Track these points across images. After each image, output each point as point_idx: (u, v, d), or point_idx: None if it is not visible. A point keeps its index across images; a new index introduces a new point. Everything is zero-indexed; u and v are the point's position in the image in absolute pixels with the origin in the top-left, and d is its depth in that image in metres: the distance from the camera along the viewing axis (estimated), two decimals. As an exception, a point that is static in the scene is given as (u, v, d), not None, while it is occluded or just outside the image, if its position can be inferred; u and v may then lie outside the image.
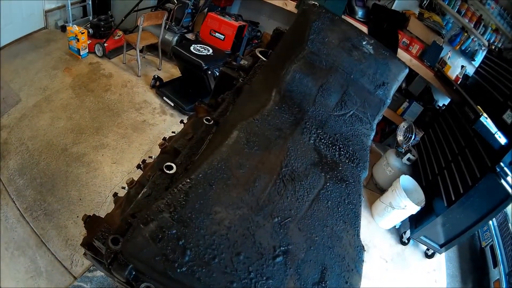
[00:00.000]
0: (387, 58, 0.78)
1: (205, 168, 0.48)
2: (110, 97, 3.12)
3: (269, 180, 0.52)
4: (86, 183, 2.24)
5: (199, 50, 3.20)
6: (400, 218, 2.76)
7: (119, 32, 3.78)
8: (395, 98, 3.79)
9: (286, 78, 0.64)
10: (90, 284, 1.72)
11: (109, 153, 2.53)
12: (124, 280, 0.41)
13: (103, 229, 0.51)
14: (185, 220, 0.42)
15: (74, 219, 1.99)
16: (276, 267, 0.45)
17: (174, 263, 0.39)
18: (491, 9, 3.63)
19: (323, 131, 0.65)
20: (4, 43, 3.24)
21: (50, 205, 2.03)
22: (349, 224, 0.56)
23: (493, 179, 2.16)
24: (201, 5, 4.11)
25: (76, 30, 3.32)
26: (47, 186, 2.13)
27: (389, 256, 2.69)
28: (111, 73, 3.46)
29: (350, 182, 0.61)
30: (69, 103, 2.87)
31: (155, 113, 3.14)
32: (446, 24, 3.76)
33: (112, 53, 3.71)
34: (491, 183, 2.18)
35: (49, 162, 2.29)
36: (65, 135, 2.54)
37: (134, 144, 2.70)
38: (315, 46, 0.68)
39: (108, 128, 2.75)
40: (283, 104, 0.63)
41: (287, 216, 0.50)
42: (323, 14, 0.73)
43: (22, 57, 3.24)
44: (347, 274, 0.49)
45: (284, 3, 3.78)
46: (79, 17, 4.06)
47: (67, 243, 1.87)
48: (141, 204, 0.53)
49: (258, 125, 0.57)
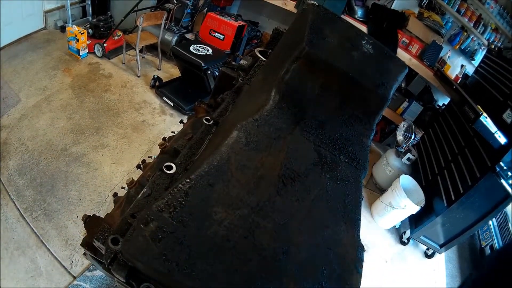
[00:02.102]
0: (387, 58, 0.78)
1: (205, 168, 0.48)
2: (110, 97, 3.12)
3: (269, 180, 0.52)
4: (86, 183, 2.24)
5: (199, 50, 3.20)
6: (400, 218, 2.76)
7: (119, 32, 3.78)
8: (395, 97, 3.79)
9: (286, 78, 0.64)
10: (90, 284, 1.72)
11: (109, 153, 2.53)
12: (124, 280, 0.41)
13: (103, 229, 0.51)
14: (185, 220, 0.42)
15: (74, 219, 1.99)
16: (276, 267, 0.44)
17: (174, 263, 0.39)
18: (490, 8, 3.64)
19: (322, 131, 0.65)
20: (4, 44, 3.24)
21: (50, 205, 2.03)
22: (349, 224, 0.56)
23: (493, 178, 2.16)
24: (200, 5, 4.11)
25: (76, 31, 3.31)
26: (47, 186, 2.13)
27: (389, 256, 2.69)
28: (111, 73, 3.46)
29: (350, 182, 0.61)
30: (69, 103, 2.87)
31: (154, 113, 3.14)
32: (445, 24, 3.76)
33: (112, 53, 3.71)
34: (491, 183, 2.18)
35: (49, 162, 2.29)
36: (65, 135, 2.54)
37: (134, 144, 2.69)
38: (314, 46, 0.67)
39: (108, 128, 2.75)
40: (282, 104, 0.63)
41: (287, 216, 0.50)
42: (322, 13, 0.73)
43: (21, 57, 3.24)
44: (347, 274, 0.49)
45: (283, 3, 3.78)
46: (78, 17, 4.05)
47: (67, 243, 1.87)
48: (141, 204, 0.52)
49: (257, 125, 0.57)
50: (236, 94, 0.88)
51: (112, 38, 3.68)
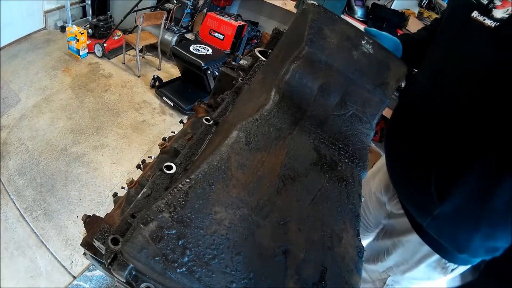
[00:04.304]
0: (387, 58, 0.78)
1: (205, 168, 0.48)
2: (110, 97, 3.12)
3: (269, 180, 0.52)
4: (85, 183, 2.24)
5: (199, 50, 3.20)
6: (400, 217, 2.75)
7: (119, 32, 3.78)
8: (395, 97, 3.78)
9: (286, 77, 0.64)
10: (90, 283, 1.72)
11: (109, 153, 2.53)
12: (124, 280, 0.41)
13: (103, 229, 0.51)
14: (185, 220, 0.42)
15: (74, 219, 1.99)
16: (276, 267, 0.45)
17: (174, 263, 0.39)
18: (490, 8, 3.63)
19: (322, 130, 0.65)
20: (4, 44, 3.24)
21: (50, 205, 2.03)
22: (349, 224, 0.56)
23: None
24: (200, 5, 4.11)
25: (76, 31, 3.31)
26: (46, 186, 2.13)
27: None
28: (111, 73, 3.46)
29: (350, 182, 0.61)
30: (69, 103, 2.87)
31: (154, 113, 3.14)
32: (445, 24, 3.76)
33: (112, 53, 3.71)
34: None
35: (49, 162, 2.29)
36: (65, 135, 2.54)
37: (133, 144, 2.69)
38: (314, 46, 0.67)
39: (107, 128, 2.75)
40: (282, 103, 0.63)
41: (287, 216, 0.50)
42: (322, 13, 0.73)
43: (21, 57, 3.24)
44: (347, 274, 0.49)
45: (283, 3, 3.78)
46: (78, 17, 4.05)
47: (67, 243, 1.87)
48: (141, 204, 0.52)
49: (257, 125, 0.57)
50: (236, 94, 0.87)
51: (112, 38, 3.68)
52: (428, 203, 0.79)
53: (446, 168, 0.75)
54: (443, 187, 0.75)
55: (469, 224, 0.76)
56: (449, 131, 0.76)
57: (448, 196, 0.74)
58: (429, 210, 0.79)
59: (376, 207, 1.16)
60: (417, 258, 0.94)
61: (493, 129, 0.68)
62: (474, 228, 0.75)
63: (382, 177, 1.13)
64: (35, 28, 3.67)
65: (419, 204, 0.85)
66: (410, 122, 0.89)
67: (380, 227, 1.17)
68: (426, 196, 0.79)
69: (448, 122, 0.76)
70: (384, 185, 1.10)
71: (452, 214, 0.76)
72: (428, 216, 0.81)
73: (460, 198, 0.74)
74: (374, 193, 1.17)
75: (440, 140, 0.78)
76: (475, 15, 0.74)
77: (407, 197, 0.91)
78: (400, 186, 0.95)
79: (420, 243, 0.91)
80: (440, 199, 0.76)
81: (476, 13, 0.74)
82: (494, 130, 0.67)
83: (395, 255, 1.01)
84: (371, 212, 1.20)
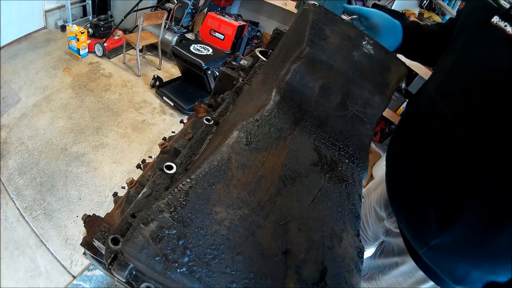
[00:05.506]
0: (387, 58, 0.78)
1: (205, 168, 0.48)
2: (110, 96, 3.12)
3: (269, 180, 0.52)
4: (85, 182, 2.24)
5: (199, 50, 3.20)
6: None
7: (119, 32, 3.78)
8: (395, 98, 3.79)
9: (286, 78, 0.64)
10: (90, 283, 1.72)
11: (109, 153, 2.53)
12: (124, 280, 0.41)
13: (103, 229, 0.51)
14: (185, 220, 0.42)
15: (74, 219, 1.99)
16: (276, 267, 0.44)
17: (174, 263, 0.39)
18: (491, 9, 3.63)
19: (323, 131, 0.65)
20: (4, 43, 3.24)
21: (50, 204, 2.03)
22: (349, 224, 0.56)
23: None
24: (200, 5, 4.11)
25: (76, 30, 3.31)
26: (46, 186, 2.13)
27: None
28: (111, 73, 3.46)
29: (350, 182, 0.61)
30: (69, 103, 2.87)
31: (154, 113, 3.14)
32: (446, 24, 3.76)
33: (112, 53, 3.71)
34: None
35: (49, 161, 2.29)
36: (65, 134, 2.54)
37: (133, 143, 2.69)
38: (315, 46, 0.67)
39: (107, 127, 2.75)
40: (283, 104, 0.63)
41: (287, 216, 0.50)
42: (323, 14, 0.73)
43: (22, 57, 3.24)
44: (347, 274, 0.49)
45: (284, 3, 3.78)
46: (78, 17, 4.05)
47: (67, 242, 1.87)
48: (141, 204, 0.52)
49: (258, 125, 0.57)
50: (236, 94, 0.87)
51: (112, 38, 3.68)
52: (426, 232, 0.73)
53: (449, 194, 0.68)
54: (444, 216, 0.69)
55: (469, 258, 0.70)
56: (456, 148, 0.68)
57: (449, 227, 0.68)
58: (427, 239, 0.73)
59: (375, 221, 1.10)
60: (410, 283, 0.89)
61: (506, 147, 0.59)
62: (475, 263, 0.69)
63: (383, 190, 1.04)
64: (36, 28, 3.67)
65: (416, 232, 0.79)
66: (414, 137, 0.82)
67: (379, 241, 1.12)
68: (424, 224, 0.73)
69: (455, 136, 0.68)
70: (384, 199, 1.03)
71: (451, 246, 0.70)
72: (425, 245, 0.74)
73: (462, 230, 0.67)
74: (373, 207, 1.11)
75: (446, 159, 0.70)
76: (495, 21, 0.67)
77: (405, 223, 0.84)
78: (398, 210, 0.88)
79: (415, 268, 0.86)
80: (439, 229, 0.69)
81: (497, 18, 0.67)
82: (506, 149, 0.59)
83: (389, 276, 0.97)
84: (369, 227, 1.14)
